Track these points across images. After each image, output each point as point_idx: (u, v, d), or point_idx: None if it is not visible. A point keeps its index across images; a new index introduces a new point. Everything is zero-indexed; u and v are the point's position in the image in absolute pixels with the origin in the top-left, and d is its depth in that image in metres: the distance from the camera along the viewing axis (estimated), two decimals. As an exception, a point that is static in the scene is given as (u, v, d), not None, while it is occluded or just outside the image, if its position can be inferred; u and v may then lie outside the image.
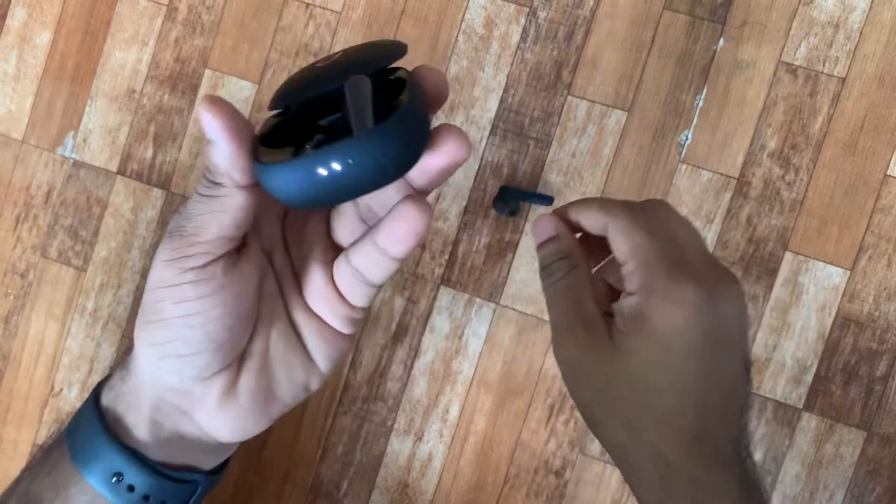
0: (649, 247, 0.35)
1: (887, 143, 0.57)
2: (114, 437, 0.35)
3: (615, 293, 0.40)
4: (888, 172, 0.57)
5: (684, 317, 0.33)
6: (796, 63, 0.57)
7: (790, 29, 0.58)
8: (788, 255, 0.57)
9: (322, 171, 0.29)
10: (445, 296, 0.60)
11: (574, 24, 0.59)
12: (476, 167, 0.60)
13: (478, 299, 0.60)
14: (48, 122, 0.64)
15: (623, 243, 0.35)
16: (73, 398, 0.63)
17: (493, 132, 0.60)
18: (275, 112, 0.34)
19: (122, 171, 0.63)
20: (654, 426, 0.34)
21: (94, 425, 0.35)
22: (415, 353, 0.60)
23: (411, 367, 0.60)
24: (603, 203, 0.37)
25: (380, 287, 0.36)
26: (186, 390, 0.34)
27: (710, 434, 0.34)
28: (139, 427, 0.35)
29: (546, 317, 0.59)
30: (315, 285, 0.36)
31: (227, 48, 0.63)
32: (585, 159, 0.59)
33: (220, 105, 0.31)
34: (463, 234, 0.60)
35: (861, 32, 0.57)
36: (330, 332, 0.36)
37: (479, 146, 0.60)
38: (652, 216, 0.36)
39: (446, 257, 0.60)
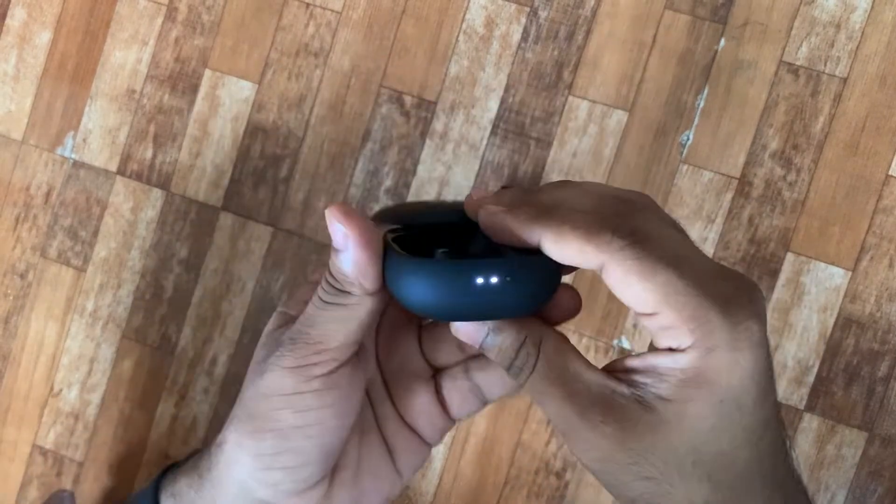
0: (685, 288, 0.27)
1: (889, 143, 0.57)
2: None
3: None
4: (890, 173, 0.57)
5: (753, 361, 0.27)
6: (798, 63, 0.57)
7: (791, 29, 0.57)
8: (790, 256, 0.57)
9: (479, 280, 0.28)
10: (446, 296, 0.60)
11: (575, 23, 0.59)
12: (476, 167, 0.60)
13: (478, 300, 0.60)
14: (48, 122, 0.64)
15: (645, 291, 0.27)
16: (72, 398, 0.63)
17: (493, 132, 0.60)
18: (392, 227, 0.33)
19: (121, 172, 0.63)
20: (732, 489, 0.28)
21: None
22: (415, 353, 0.60)
23: (412, 367, 0.60)
24: (589, 231, 0.27)
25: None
26: None
27: (781, 461, 0.30)
28: None
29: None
30: (418, 399, 0.35)
31: (228, 48, 0.63)
32: (586, 159, 0.59)
33: (351, 214, 0.30)
34: (463, 235, 0.60)
35: (863, 32, 0.57)
36: (418, 442, 0.36)
37: (479, 146, 0.60)
38: (654, 234, 0.28)
39: (447, 258, 0.60)
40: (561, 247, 0.28)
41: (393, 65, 0.61)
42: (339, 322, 0.31)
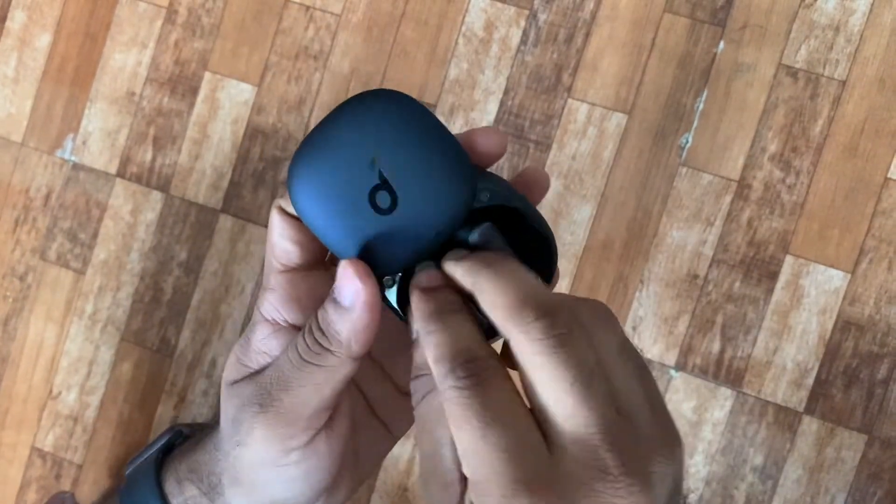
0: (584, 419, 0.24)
1: (888, 146, 0.57)
2: None
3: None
4: (888, 175, 0.57)
5: None
6: (797, 66, 0.57)
7: (790, 31, 0.58)
8: (789, 259, 0.57)
9: None
10: (445, 299, 0.60)
11: (574, 26, 0.59)
12: (476, 170, 0.60)
13: (478, 302, 0.60)
14: (48, 124, 0.64)
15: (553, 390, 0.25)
16: (71, 401, 0.63)
17: (493, 135, 0.60)
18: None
19: (121, 174, 0.63)
20: None
21: None
22: (414, 356, 0.60)
23: (411, 370, 0.60)
24: (512, 301, 0.25)
25: None
26: None
27: None
28: None
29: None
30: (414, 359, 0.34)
31: (227, 51, 0.63)
32: (586, 162, 0.59)
33: (368, 275, 0.27)
34: (463, 237, 0.60)
35: (861, 35, 0.57)
36: (409, 402, 0.35)
37: (479, 149, 0.60)
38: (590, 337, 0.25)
39: (446, 260, 0.60)
40: (483, 304, 0.26)
41: (392, 67, 0.61)
42: (314, 387, 0.29)
